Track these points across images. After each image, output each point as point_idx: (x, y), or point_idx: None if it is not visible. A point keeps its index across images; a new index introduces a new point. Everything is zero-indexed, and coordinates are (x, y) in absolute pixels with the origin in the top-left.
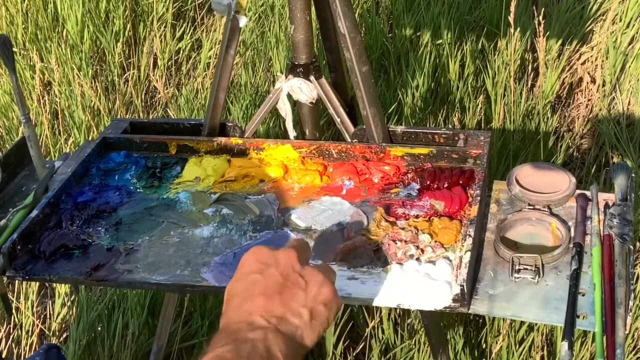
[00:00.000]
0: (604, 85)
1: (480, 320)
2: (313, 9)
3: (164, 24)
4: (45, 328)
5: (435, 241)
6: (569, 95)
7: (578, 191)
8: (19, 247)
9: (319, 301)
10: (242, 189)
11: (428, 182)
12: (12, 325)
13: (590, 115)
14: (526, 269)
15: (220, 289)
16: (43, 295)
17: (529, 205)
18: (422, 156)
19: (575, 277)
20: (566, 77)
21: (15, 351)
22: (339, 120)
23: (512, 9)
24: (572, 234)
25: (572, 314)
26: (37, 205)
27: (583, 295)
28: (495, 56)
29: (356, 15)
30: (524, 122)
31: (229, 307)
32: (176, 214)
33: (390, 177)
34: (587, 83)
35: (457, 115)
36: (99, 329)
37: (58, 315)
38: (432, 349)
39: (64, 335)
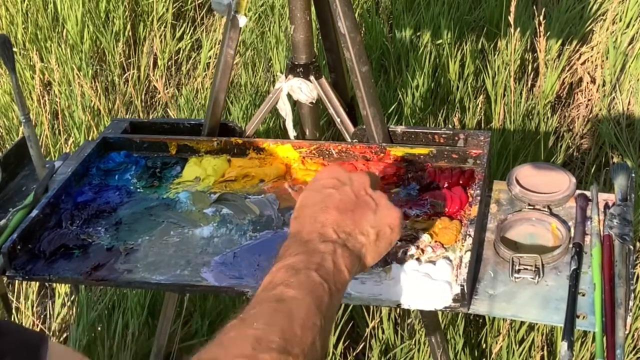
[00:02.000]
0: (604, 85)
1: (480, 320)
2: (313, 9)
3: (164, 24)
4: (45, 328)
5: (435, 241)
6: (569, 95)
7: (578, 191)
8: (19, 247)
9: (385, 223)
10: (242, 189)
11: (428, 182)
12: None
13: (590, 115)
14: (526, 269)
15: (221, 289)
16: (43, 295)
17: (529, 205)
18: (422, 156)
19: (575, 277)
20: (566, 77)
21: None
22: (339, 120)
23: (512, 9)
24: (572, 234)
25: (572, 314)
26: (37, 205)
27: (583, 295)
28: (495, 56)
29: (356, 15)
30: (524, 122)
31: (301, 213)
32: (176, 214)
33: (390, 177)
34: (587, 83)
35: (457, 115)
36: (99, 329)
37: (58, 315)
38: (432, 349)
39: (64, 335)
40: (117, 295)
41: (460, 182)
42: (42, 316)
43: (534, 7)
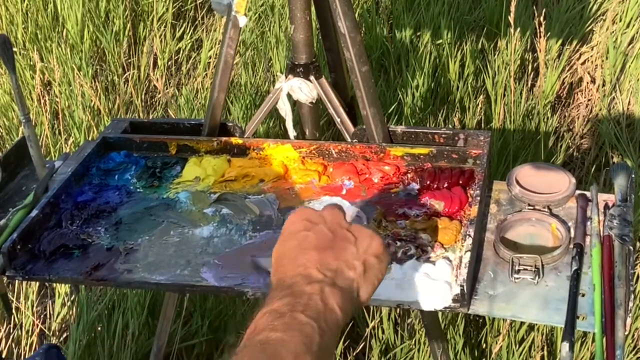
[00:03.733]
0: (604, 85)
1: (480, 320)
2: (313, 9)
3: (164, 24)
4: (45, 328)
5: (435, 241)
6: (569, 95)
7: (578, 191)
8: (19, 246)
9: (370, 253)
10: (242, 189)
11: (428, 182)
12: (12, 325)
13: (590, 115)
14: (526, 269)
15: (221, 289)
16: (43, 295)
17: (529, 205)
18: (422, 156)
19: (575, 278)
20: (566, 77)
21: (15, 351)
22: (339, 120)
23: (512, 9)
24: (572, 235)
25: (572, 315)
26: (37, 205)
27: (583, 295)
28: (495, 56)
29: (356, 15)
30: (524, 122)
31: (280, 265)
32: (176, 214)
33: (390, 177)
34: (587, 83)
35: (457, 115)
36: (99, 329)
37: (58, 315)
38: (432, 349)
39: (64, 335)
40: (117, 295)
41: (460, 182)
42: (42, 316)
43: (534, 7)
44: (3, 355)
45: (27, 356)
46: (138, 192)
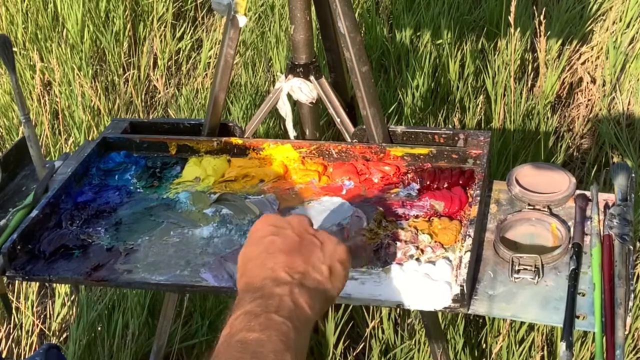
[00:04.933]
0: (604, 85)
1: (480, 320)
2: (313, 9)
3: (164, 24)
4: (45, 328)
5: (435, 241)
6: (569, 95)
7: (578, 191)
8: (19, 247)
9: (335, 259)
10: (242, 189)
11: (428, 182)
12: (12, 325)
13: (590, 115)
14: (526, 269)
15: (220, 289)
16: (43, 295)
17: (529, 205)
18: (422, 156)
19: (574, 278)
20: (566, 77)
21: (15, 351)
22: (339, 120)
23: (512, 9)
24: (572, 234)
25: (571, 315)
26: (37, 205)
27: (583, 295)
28: (495, 56)
29: (356, 15)
30: (524, 122)
31: (246, 269)
32: (176, 214)
33: (390, 177)
34: (587, 83)
35: (457, 115)
36: (99, 329)
37: (58, 315)
38: (432, 349)
39: (64, 335)
40: (117, 295)
41: (460, 182)
42: (42, 316)
43: (534, 7)
44: (3, 355)
45: (27, 356)
46: (138, 192)
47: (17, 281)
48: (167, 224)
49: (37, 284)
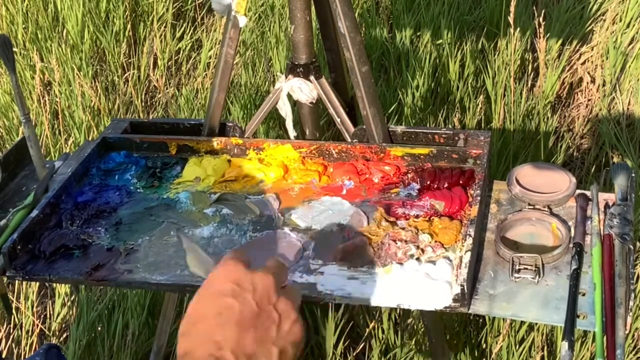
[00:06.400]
0: (604, 85)
1: (480, 320)
2: (313, 9)
3: (164, 24)
4: (45, 328)
5: (436, 241)
6: (569, 95)
7: (578, 191)
8: (19, 247)
9: (289, 340)
10: (242, 189)
11: (428, 182)
12: (12, 325)
13: (590, 115)
14: (526, 268)
15: None
16: (43, 295)
17: (529, 205)
18: (422, 156)
19: (575, 277)
20: (566, 77)
21: (15, 351)
22: (339, 120)
23: (512, 9)
24: (572, 234)
25: (572, 314)
26: (37, 205)
27: (583, 295)
28: (495, 56)
29: (356, 15)
30: (524, 122)
31: (192, 329)
32: (176, 214)
33: (390, 177)
34: (587, 83)
35: (457, 115)
36: (99, 329)
37: (58, 315)
38: (432, 349)
39: (64, 335)
40: (117, 295)
41: (461, 182)
42: (42, 316)
43: (534, 7)
44: (3, 355)
45: (27, 356)
46: (138, 192)
47: (17, 281)
48: (167, 224)
49: (37, 284)
